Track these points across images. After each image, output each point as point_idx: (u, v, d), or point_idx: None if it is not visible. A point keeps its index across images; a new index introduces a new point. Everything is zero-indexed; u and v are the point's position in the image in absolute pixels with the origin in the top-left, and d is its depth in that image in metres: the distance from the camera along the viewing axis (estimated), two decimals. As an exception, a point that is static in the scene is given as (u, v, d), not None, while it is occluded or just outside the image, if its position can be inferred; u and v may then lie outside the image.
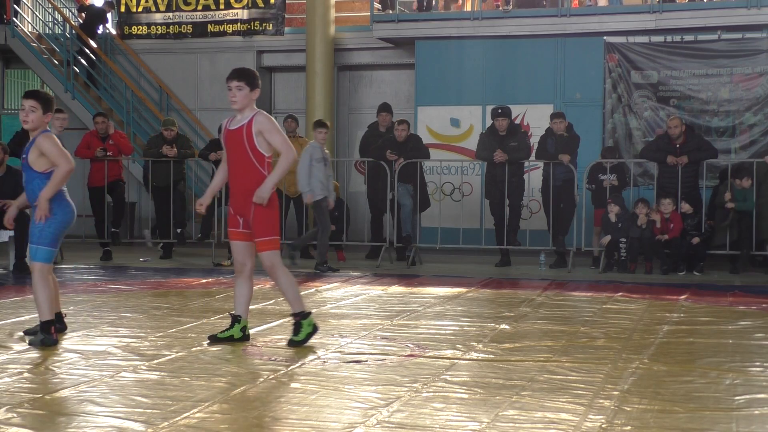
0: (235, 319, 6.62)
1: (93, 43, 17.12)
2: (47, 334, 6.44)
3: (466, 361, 6.07)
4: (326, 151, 12.07)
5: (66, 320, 7.02)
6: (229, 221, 6.59)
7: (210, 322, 7.50)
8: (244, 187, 6.41)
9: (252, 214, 6.41)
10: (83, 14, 17.78)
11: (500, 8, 15.46)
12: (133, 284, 10.14)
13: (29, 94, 6.68)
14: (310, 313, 6.63)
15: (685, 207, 11.86)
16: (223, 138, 6.56)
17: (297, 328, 6.53)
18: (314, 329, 6.57)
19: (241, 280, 6.59)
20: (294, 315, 6.56)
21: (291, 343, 6.48)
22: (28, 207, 6.85)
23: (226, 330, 6.61)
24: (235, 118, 6.52)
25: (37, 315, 7.53)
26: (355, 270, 11.84)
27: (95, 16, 17.51)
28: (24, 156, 6.58)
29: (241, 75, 6.45)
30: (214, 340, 6.55)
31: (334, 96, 16.48)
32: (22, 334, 6.80)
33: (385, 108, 13.64)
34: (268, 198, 6.38)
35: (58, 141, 6.57)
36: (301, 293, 9.39)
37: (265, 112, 6.54)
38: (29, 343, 6.45)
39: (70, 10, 18.28)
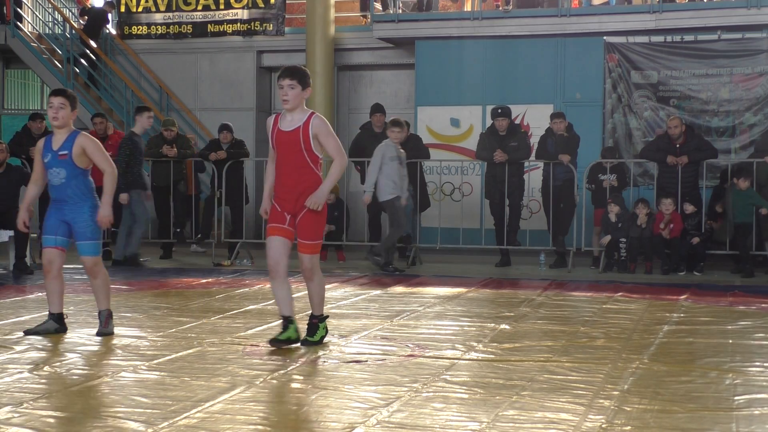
0: (288, 321, 6.44)
1: (95, 45, 17.11)
2: (111, 323, 6.90)
3: (466, 361, 6.07)
4: (401, 150, 11.97)
5: (66, 321, 7.02)
6: (273, 217, 6.41)
7: (210, 322, 7.50)
8: (299, 188, 6.31)
9: (303, 215, 6.32)
10: (85, 17, 17.75)
11: (500, 8, 15.47)
12: (133, 284, 10.14)
13: (58, 92, 6.82)
14: (327, 317, 6.66)
15: (690, 209, 11.86)
16: (274, 138, 6.37)
17: (313, 329, 6.52)
18: (326, 332, 6.63)
19: (279, 281, 6.41)
20: (314, 317, 6.54)
21: (305, 343, 6.47)
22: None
23: (283, 332, 6.42)
24: (285, 118, 6.35)
25: (37, 315, 7.56)
26: (355, 270, 11.83)
27: (97, 18, 17.50)
28: (65, 153, 6.68)
29: (294, 73, 6.28)
30: (275, 343, 6.37)
31: (334, 96, 16.49)
32: (22, 333, 6.80)
33: (378, 109, 13.61)
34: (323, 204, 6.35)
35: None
36: (301, 293, 9.42)
37: (320, 115, 6.42)
38: (98, 334, 6.78)
39: (70, 10, 18.28)
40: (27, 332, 6.79)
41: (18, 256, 11.12)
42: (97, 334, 6.82)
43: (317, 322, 6.55)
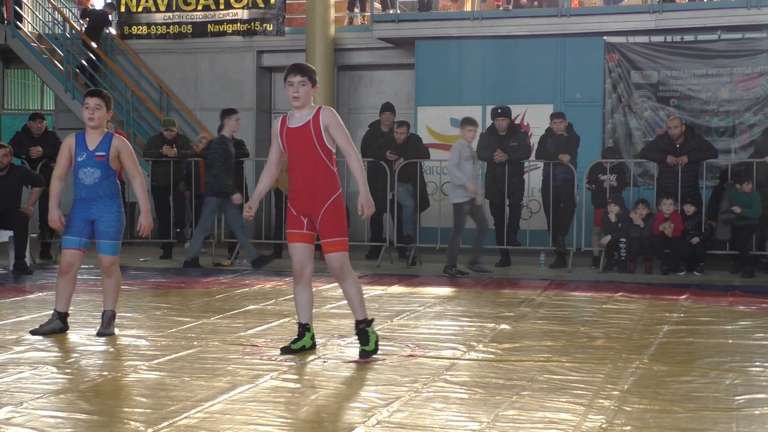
0: (305, 328, 6.26)
1: (96, 47, 17.10)
2: (113, 324, 6.95)
3: (466, 361, 6.07)
4: (474, 150, 11.82)
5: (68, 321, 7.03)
6: (290, 222, 6.20)
7: (210, 322, 7.50)
8: (314, 185, 6.10)
9: (322, 214, 6.09)
10: (87, 19, 17.74)
11: (501, 8, 15.49)
12: (133, 284, 10.14)
13: (94, 93, 6.85)
14: (373, 319, 6.31)
15: (690, 210, 11.85)
16: (284, 137, 6.16)
17: (364, 336, 6.16)
18: (377, 336, 6.26)
19: (302, 286, 6.21)
20: (359, 323, 6.19)
21: (364, 354, 6.09)
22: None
23: (298, 340, 6.24)
24: (293, 116, 6.17)
25: (37, 315, 7.56)
26: (355, 270, 11.79)
27: (98, 20, 17.48)
28: (102, 154, 6.71)
29: (304, 70, 6.11)
30: (287, 351, 6.17)
31: (334, 96, 16.48)
32: (22, 334, 6.78)
33: (387, 107, 13.62)
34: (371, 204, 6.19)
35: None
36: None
37: (328, 107, 6.25)
38: (99, 334, 6.80)
39: (70, 10, 18.28)
40: (33, 332, 6.76)
41: (18, 256, 11.12)
42: (98, 335, 6.81)
43: (365, 327, 6.18)
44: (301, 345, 6.25)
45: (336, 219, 6.15)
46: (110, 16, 17.66)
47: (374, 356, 6.12)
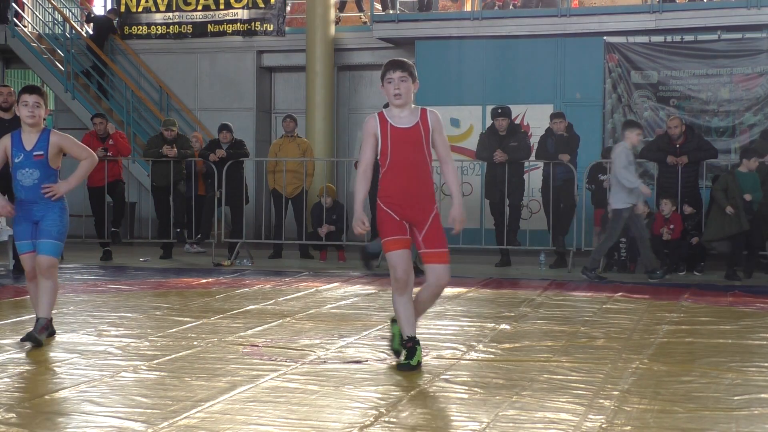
0: (416, 342, 5.79)
1: (103, 54, 17.11)
2: (45, 334, 6.49)
3: (466, 361, 6.07)
4: (632, 155, 11.32)
5: (66, 320, 7.01)
6: (392, 227, 5.73)
7: (210, 322, 7.49)
8: (423, 192, 5.78)
9: (430, 223, 5.81)
10: (91, 24, 17.73)
11: (507, 6, 15.55)
12: (133, 284, 10.14)
13: (32, 90, 6.57)
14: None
15: (688, 210, 11.85)
16: (390, 137, 5.71)
17: (412, 352, 5.75)
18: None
19: (407, 297, 5.75)
20: (410, 339, 5.77)
21: (403, 367, 5.69)
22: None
23: (416, 354, 5.74)
24: (395, 115, 5.76)
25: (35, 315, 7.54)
26: (355, 270, 11.83)
27: (103, 26, 17.47)
28: (41, 153, 6.40)
29: (403, 65, 5.76)
30: (407, 367, 5.67)
31: (334, 96, 16.49)
32: (22, 333, 6.74)
33: None
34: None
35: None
36: (301, 293, 9.43)
37: (432, 109, 5.87)
38: (24, 338, 6.42)
39: (70, 10, 18.29)
40: (23, 340, 6.59)
41: (18, 256, 11.09)
42: (24, 339, 6.42)
43: (414, 344, 5.79)
44: (418, 359, 5.78)
45: (441, 228, 5.86)
46: (114, 23, 17.65)
47: (371, 355, 6.12)
